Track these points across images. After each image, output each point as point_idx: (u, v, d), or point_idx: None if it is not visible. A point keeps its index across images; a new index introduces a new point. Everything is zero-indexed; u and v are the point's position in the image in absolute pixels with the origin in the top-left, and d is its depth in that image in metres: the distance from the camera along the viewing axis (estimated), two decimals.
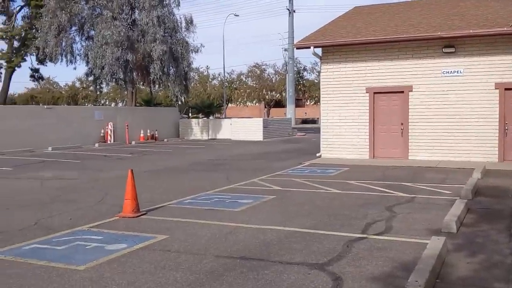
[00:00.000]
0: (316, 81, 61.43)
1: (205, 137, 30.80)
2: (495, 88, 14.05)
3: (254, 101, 72.18)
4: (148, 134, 28.15)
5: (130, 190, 7.61)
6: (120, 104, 63.33)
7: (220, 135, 30.51)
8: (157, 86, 33.27)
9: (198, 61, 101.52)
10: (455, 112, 14.54)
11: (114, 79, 28.18)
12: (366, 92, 15.59)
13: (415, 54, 14.90)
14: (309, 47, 15.67)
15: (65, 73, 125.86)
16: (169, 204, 8.75)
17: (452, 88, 14.54)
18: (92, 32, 27.48)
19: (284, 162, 15.72)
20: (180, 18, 29.15)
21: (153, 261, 5.36)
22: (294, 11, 47.35)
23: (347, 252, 5.64)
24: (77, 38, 28.43)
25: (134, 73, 28.88)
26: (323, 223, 7.09)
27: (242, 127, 29.82)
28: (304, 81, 67.06)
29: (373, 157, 15.55)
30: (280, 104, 68.34)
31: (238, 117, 40.28)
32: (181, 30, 28.56)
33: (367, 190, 9.94)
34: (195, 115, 44.49)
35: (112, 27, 25.39)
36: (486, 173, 12.09)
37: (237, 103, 73.13)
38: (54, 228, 6.95)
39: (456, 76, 14.45)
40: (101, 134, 25.36)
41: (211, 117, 40.71)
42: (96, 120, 25.32)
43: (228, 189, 10.46)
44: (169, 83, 28.80)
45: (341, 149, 16.04)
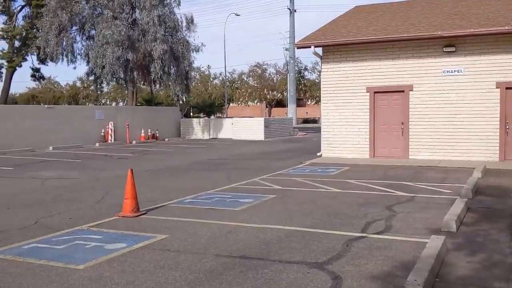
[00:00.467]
0: (317, 80, 61.41)
1: (206, 136, 30.80)
2: (496, 87, 14.02)
3: (256, 101, 72.20)
4: (149, 133, 28.15)
5: (129, 189, 7.61)
6: (121, 104, 63.35)
7: (221, 135, 30.51)
8: (158, 85, 33.29)
9: (199, 60, 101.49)
10: (456, 111, 14.51)
11: (114, 78, 28.21)
12: (367, 92, 15.58)
13: (416, 54, 14.88)
14: (310, 47, 15.66)
15: (66, 73, 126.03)
16: (170, 203, 8.74)
17: (453, 87, 14.51)
18: (93, 32, 27.51)
19: (285, 162, 15.71)
20: (181, 17, 29.22)
21: (153, 261, 5.36)
22: (295, 10, 47.33)
23: (346, 251, 5.64)
24: (78, 38, 28.51)
25: (134, 73, 28.89)
26: (323, 222, 7.09)
27: (243, 126, 29.82)
28: (305, 81, 67.08)
29: (374, 156, 15.53)
30: (281, 103, 68.37)
31: (240, 117, 40.28)
32: (182, 30, 28.58)
33: (368, 189, 9.93)
34: (197, 114, 44.53)
35: (113, 26, 25.41)
36: (487, 172, 12.07)
37: (239, 102, 73.16)
38: (54, 228, 6.95)
39: (457, 75, 14.43)
40: (102, 134, 25.37)
41: (212, 117, 40.72)
42: (97, 120, 25.33)
43: (229, 188, 10.46)
44: (170, 83, 28.80)
45: (342, 149, 16.03)
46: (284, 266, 5.11)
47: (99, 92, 44.22)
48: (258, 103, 73.71)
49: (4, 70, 36.38)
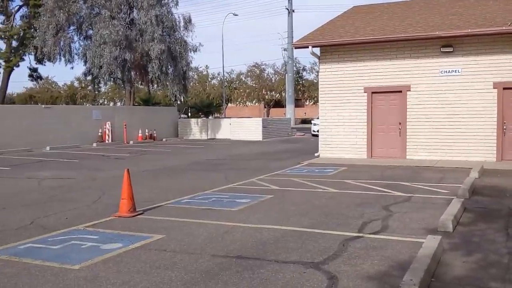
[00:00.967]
0: (315, 81, 61.38)
1: (204, 137, 30.78)
2: (494, 88, 14.04)
3: (254, 101, 72.18)
4: (147, 133, 28.11)
5: (126, 189, 7.59)
6: (118, 104, 63.25)
7: (219, 135, 30.48)
8: (155, 85, 33.23)
9: (197, 60, 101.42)
10: (453, 112, 14.53)
11: (112, 78, 28.20)
12: (364, 92, 15.58)
13: (413, 54, 14.89)
14: (308, 47, 15.66)
15: (64, 73, 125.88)
16: (167, 203, 8.73)
17: (450, 87, 14.53)
18: (90, 32, 27.47)
19: (283, 162, 15.70)
20: (179, 17, 29.16)
21: (149, 261, 5.34)
22: (293, 10, 47.36)
23: (343, 251, 5.63)
24: (75, 38, 28.45)
25: (132, 73, 28.86)
26: (320, 222, 7.08)
27: (242, 127, 29.80)
28: (303, 81, 67.06)
29: (371, 156, 15.54)
30: (279, 104, 68.34)
31: (238, 117, 40.25)
32: (180, 29, 28.55)
33: (365, 190, 9.93)
34: (195, 114, 44.45)
35: (110, 26, 25.37)
36: (484, 173, 12.08)
37: (237, 103, 73.12)
38: (50, 228, 6.93)
39: (454, 75, 14.45)
40: (99, 134, 25.33)
41: (210, 117, 40.67)
42: (94, 120, 25.29)
43: (227, 188, 10.45)
44: (167, 83, 28.79)
45: (339, 149, 16.03)
46: (281, 266, 5.10)
47: (96, 92, 44.11)
48: (257, 104, 73.69)
49: (1, 70, 36.30)
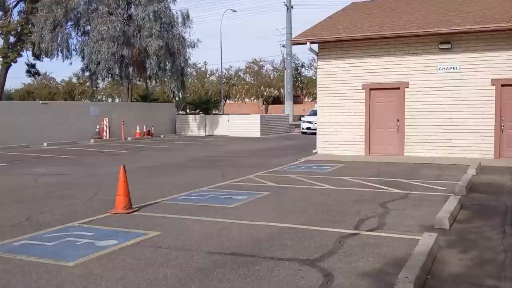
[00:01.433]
0: (314, 77, 61.20)
1: (202, 133, 30.72)
2: (492, 84, 14.02)
3: (252, 98, 72.06)
4: (144, 130, 28.04)
5: (122, 186, 7.56)
6: (117, 100, 63.11)
7: (217, 132, 30.43)
8: (153, 81, 33.09)
9: (196, 56, 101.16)
10: (451, 109, 14.51)
11: (110, 74, 28.06)
12: (362, 89, 15.54)
13: (412, 50, 14.85)
14: (305, 43, 15.61)
15: (62, 69, 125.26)
16: (163, 200, 8.70)
17: (448, 84, 14.50)
18: (88, 27, 27.31)
19: (281, 159, 15.68)
20: (177, 13, 29.06)
21: (144, 258, 5.32)
22: (292, 7, 47.12)
23: (338, 248, 5.61)
24: (73, 33, 28.26)
25: (130, 69, 28.73)
26: (316, 219, 7.06)
27: (240, 123, 29.77)
28: (302, 78, 66.93)
29: (369, 153, 15.52)
30: (278, 100, 68.21)
31: (236, 114, 40.19)
32: (178, 25, 28.41)
33: (362, 187, 9.91)
34: (193, 111, 44.38)
35: (108, 22, 25.25)
36: (481, 170, 12.07)
37: (235, 99, 73.00)
38: (45, 224, 6.90)
39: (452, 72, 14.42)
40: (97, 130, 25.26)
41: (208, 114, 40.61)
42: (92, 116, 25.22)
43: (223, 185, 10.42)
44: (165, 79, 28.68)
45: (337, 146, 16.01)
46: (276, 263, 5.08)
47: (94, 88, 43.96)
48: (255, 100, 73.58)
49: None
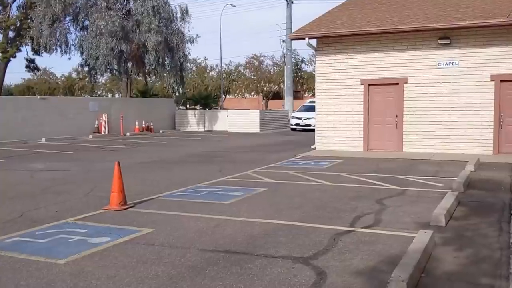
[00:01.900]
0: (314, 73, 60.81)
1: (201, 129, 30.66)
2: (491, 80, 13.93)
3: (252, 93, 71.87)
4: (143, 125, 27.97)
5: (116, 182, 7.51)
6: (117, 95, 62.96)
7: (216, 127, 30.36)
8: (152, 77, 32.97)
9: (196, 52, 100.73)
10: (450, 104, 14.43)
11: (108, 69, 27.96)
12: (361, 84, 15.46)
13: (411, 46, 14.75)
14: (304, 38, 15.52)
15: (62, 64, 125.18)
16: (159, 196, 8.65)
17: (447, 80, 14.41)
18: (87, 22, 27.18)
19: (279, 154, 15.62)
20: (175, 8, 28.87)
21: (136, 255, 5.27)
22: (292, 1, 46.66)
23: (333, 245, 5.56)
24: (72, 28, 28.10)
25: (129, 64, 28.64)
26: (312, 216, 7.01)
27: (239, 119, 29.69)
28: (302, 73, 66.72)
29: (368, 149, 15.46)
30: (278, 96, 68.01)
31: (235, 109, 40.07)
32: (177, 20, 28.27)
33: (359, 183, 9.86)
34: (193, 106, 44.27)
35: (107, 17, 25.11)
36: (480, 166, 12.01)
37: (235, 94, 72.82)
38: (39, 221, 6.85)
39: (451, 68, 14.33)
40: (96, 126, 25.19)
41: (208, 109, 40.50)
42: (91, 111, 25.15)
43: (220, 181, 10.37)
44: (164, 74, 28.57)
45: (336, 142, 15.94)
46: (269, 261, 5.03)
47: (93, 83, 43.81)
48: (255, 96, 73.38)
49: None
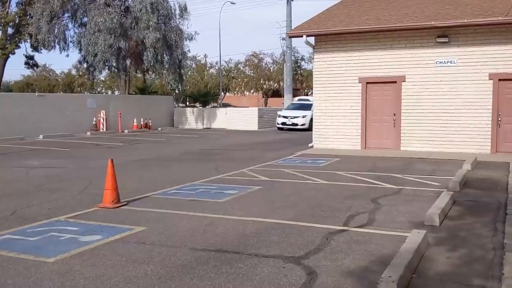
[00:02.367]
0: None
1: (200, 126, 30.61)
2: (489, 79, 13.87)
3: (252, 91, 71.73)
4: (142, 122, 27.92)
5: (110, 180, 7.46)
6: (116, 92, 62.84)
7: (215, 125, 30.32)
8: (151, 74, 32.87)
9: (196, 49, 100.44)
10: (448, 103, 14.37)
11: (106, 66, 27.90)
12: (359, 82, 15.40)
13: (409, 44, 14.69)
14: (302, 36, 15.46)
15: (62, 61, 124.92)
16: (153, 194, 8.60)
17: (445, 78, 14.35)
18: (85, 19, 27.11)
19: (276, 152, 15.57)
20: (174, 5, 28.89)
21: (126, 254, 5.22)
22: None
23: (325, 245, 5.51)
24: (70, 25, 28.05)
25: (127, 61, 28.57)
26: (306, 215, 6.96)
27: (237, 116, 29.65)
28: (302, 71, 66.61)
29: (365, 147, 15.40)
30: (278, 93, 67.88)
31: (234, 107, 40.01)
32: (175, 18, 28.19)
33: (355, 181, 9.81)
34: (192, 104, 44.21)
35: (105, 14, 25.04)
36: (477, 165, 11.96)
37: (235, 92, 72.71)
38: (30, 219, 6.80)
39: (449, 66, 14.26)
40: (94, 123, 25.13)
41: (208, 106, 40.45)
42: (89, 108, 25.09)
43: (216, 179, 10.32)
44: (163, 71, 28.51)
45: (333, 140, 15.89)
46: (260, 261, 4.98)
47: (92, 80, 43.71)
48: (255, 93, 73.25)
49: None
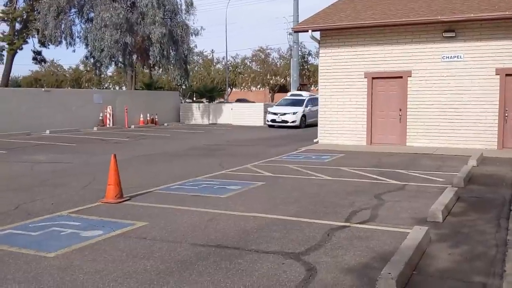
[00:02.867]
0: None
1: (205, 121, 30.64)
2: (496, 74, 13.73)
3: (259, 86, 71.60)
4: (148, 118, 28.00)
5: (113, 175, 7.47)
6: (124, 88, 63.02)
7: (220, 120, 30.34)
8: (158, 70, 32.90)
9: (203, 44, 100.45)
10: (455, 98, 14.25)
11: (113, 62, 27.98)
12: (365, 77, 15.31)
13: (415, 39, 14.56)
14: (307, 31, 15.39)
15: (69, 56, 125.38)
16: (156, 189, 8.61)
17: (451, 73, 14.23)
18: (92, 14, 27.18)
19: (281, 148, 15.54)
20: (180, 0, 28.78)
21: (126, 249, 5.23)
22: None
23: (326, 241, 5.49)
24: (77, 20, 28.21)
25: (133, 56, 28.62)
26: (308, 211, 6.93)
27: (243, 112, 29.63)
28: (309, 66, 66.35)
29: (371, 143, 15.33)
30: (284, 89, 67.69)
31: (240, 102, 39.98)
32: (181, 13, 28.19)
33: (359, 177, 9.76)
34: (199, 99, 44.23)
35: (111, 9, 25.09)
36: (483, 161, 11.85)
37: (241, 87, 72.63)
38: (33, 213, 6.83)
39: (456, 61, 14.13)
40: (100, 118, 25.25)
41: (214, 102, 40.46)
42: (95, 104, 25.18)
43: (219, 174, 10.32)
44: (169, 67, 28.54)
45: (339, 135, 15.82)
46: (260, 256, 4.97)
47: (99, 76, 43.88)
48: (261, 89, 73.11)
49: (5, 53, 36.08)
